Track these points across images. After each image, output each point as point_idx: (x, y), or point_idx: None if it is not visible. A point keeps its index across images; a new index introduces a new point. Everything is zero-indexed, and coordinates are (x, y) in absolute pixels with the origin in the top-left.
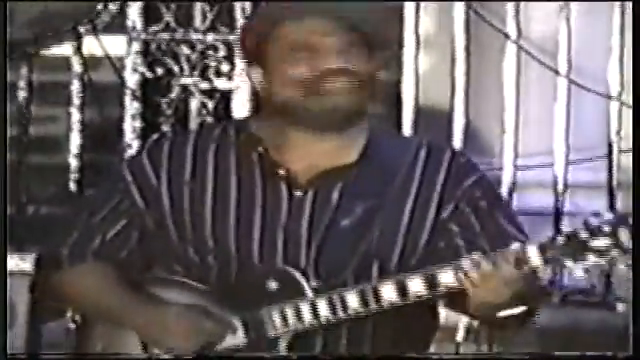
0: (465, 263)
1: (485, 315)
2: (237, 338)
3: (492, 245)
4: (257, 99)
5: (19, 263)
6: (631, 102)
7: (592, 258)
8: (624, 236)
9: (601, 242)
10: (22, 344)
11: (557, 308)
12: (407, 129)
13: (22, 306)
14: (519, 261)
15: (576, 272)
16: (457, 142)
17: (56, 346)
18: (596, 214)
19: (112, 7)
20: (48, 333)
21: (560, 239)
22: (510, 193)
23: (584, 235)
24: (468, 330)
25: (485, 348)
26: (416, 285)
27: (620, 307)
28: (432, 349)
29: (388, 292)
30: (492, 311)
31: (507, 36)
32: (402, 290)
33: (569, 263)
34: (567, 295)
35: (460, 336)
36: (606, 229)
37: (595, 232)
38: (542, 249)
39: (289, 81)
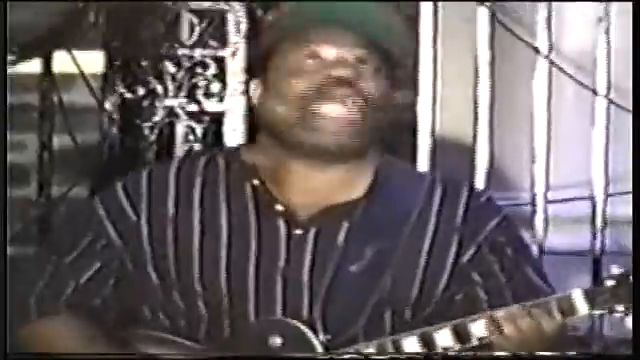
0: (501, 313)
1: None
2: None
3: (517, 299)
4: (252, 123)
5: None
6: None
7: None
8: None
9: None
10: None
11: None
12: (422, 159)
13: None
14: (564, 312)
15: (628, 319)
16: (480, 173)
17: None
18: None
19: (87, 19)
20: None
21: (609, 282)
22: (542, 231)
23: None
24: None
25: None
26: (444, 337)
27: None
28: None
29: (411, 346)
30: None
31: (537, 50)
32: (428, 343)
33: (621, 309)
34: (608, 343)
35: None
36: None
37: None
38: (591, 295)
39: (289, 96)
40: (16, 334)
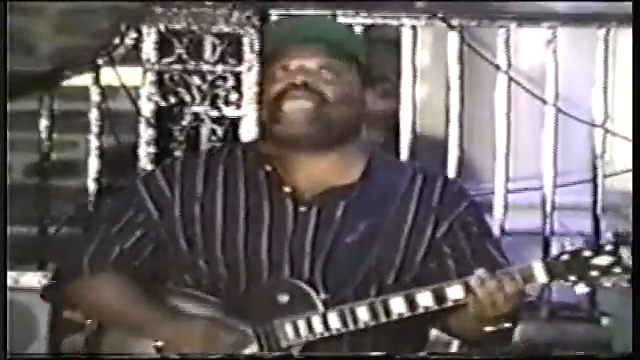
0: (473, 280)
1: (474, 333)
2: (251, 349)
3: (480, 267)
4: (263, 127)
5: (41, 280)
6: (615, 130)
7: (595, 275)
8: (625, 254)
9: (604, 260)
10: (44, 355)
11: (545, 323)
12: (405, 155)
13: (43, 321)
14: (525, 279)
15: (580, 289)
16: (451, 168)
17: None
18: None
19: (128, 40)
20: (68, 345)
21: (564, 257)
22: (502, 215)
23: (587, 253)
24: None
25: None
26: (425, 299)
27: (604, 321)
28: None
29: (397, 305)
30: (483, 325)
31: (498, 67)
32: (411, 303)
33: (573, 279)
34: (555, 310)
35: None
36: (608, 247)
37: (598, 250)
38: (548, 267)
39: (266, 100)
40: (70, 288)
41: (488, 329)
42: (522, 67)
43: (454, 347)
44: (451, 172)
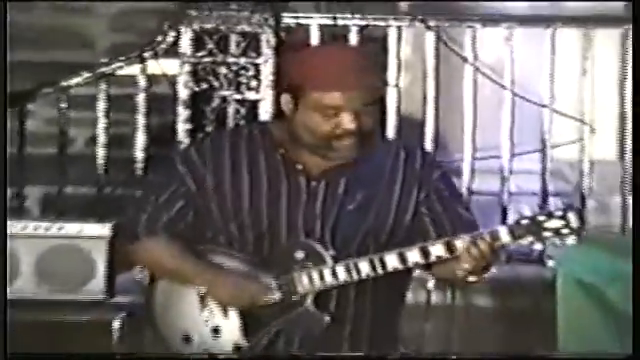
0: (454, 240)
1: (455, 281)
2: (274, 296)
3: (452, 225)
4: (278, 108)
5: (99, 230)
6: (562, 110)
7: (548, 235)
8: (573, 219)
9: (555, 223)
10: (101, 290)
11: (504, 264)
12: (391, 132)
13: (101, 262)
14: (493, 240)
15: (536, 247)
16: (429, 141)
17: (127, 292)
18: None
19: (169, 38)
20: (121, 282)
21: (523, 221)
22: (469, 179)
23: (541, 218)
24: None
25: (449, 295)
26: (414, 255)
27: (550, 263)
28: (408, 295)
29: (392, 260)
30: (465, 277)
31: (466, 60)
32: (403, 259)
33: (531, 239)
34: (511, 255)
35: (431, 285)
36: (559, 213)
37: (550, 215)
38: (511, 230)
39: (311, 129)
40: (127, 251)
41: (469, 279)
42: (486, 60)
43: (430, 284)
44: (428, 145)
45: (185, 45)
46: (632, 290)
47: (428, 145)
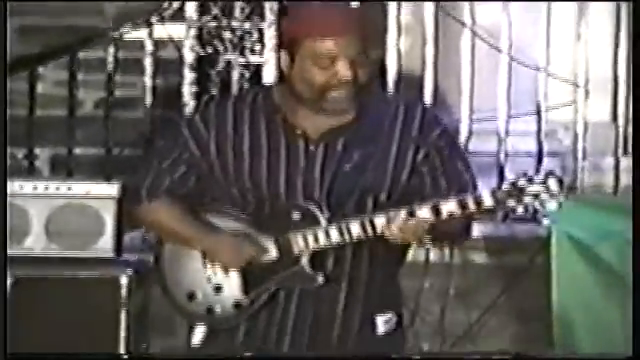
0: (441, 202)
1: (440, 236)
2: (271, 255)
3: (450, 183)
4: (281, 71)
5: (107, 189)
6: (557, 73)
7: (529, 200)
8: (552, 184)
9: (535, 188)
10: (110, 248)
11: (500, 223)
12: (390, 89)
13: (109, 221)
14: (477, 204)
15: (517, 210)
16: (428, 100)
17: (134, 249)
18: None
19: (175, 3)
20: (128, 240)
21: (505, 186)
22: (466, 139)
23: (523, 183)
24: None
25: (447, 251)
26: (400, 216)
27: (545, 221)
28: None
29: (381, 222)
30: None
31: (464, 24)
32: (389, 221)
33: (512, 203)
34: (507, 213)
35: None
36: (539, 178)
37: (530, 180)
38: (493, 194)
39: (308, 81)
40: (132, 213)
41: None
42: (483, 23)
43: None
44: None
45: (191, 10)
46: (632, 289)
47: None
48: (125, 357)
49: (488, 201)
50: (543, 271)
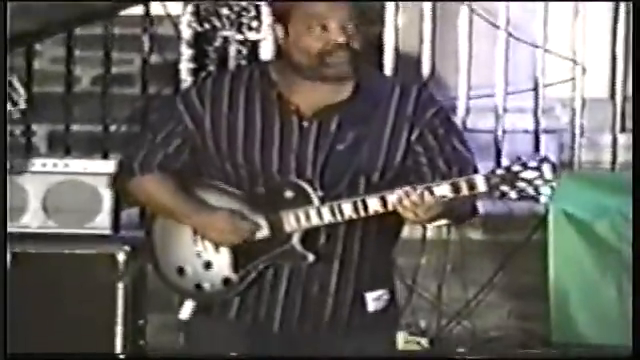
0: (434, 185)
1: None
2: (263, 233)
3: (446, 163)
4: (279, 47)
5: (104, 166)
6: (555, 50)
7: (522, 185)
8: (546, 170)
9: (530, 174)
10: (108, 224)
11: (497, 200)
12: (388, 70)
13: (106, 198)
14: (471, 187)
15: (511, 195)
16: (424, 79)
17: (131, 226)
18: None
19: None
20: (125, 217)
21: (499, 171)
22: (464, 116)
23: (517, 168)
24: None
25: (445, 230)
26: (393, 198)
27: (542, 199)
28: (405, 231)
29: (373, 203)
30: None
31: (462, 1)
32: (384, 202)
33: (506, 189)
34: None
35: None
36: (533, 164)
37: (525, 166)
38: (486, 179)
39: (304, 49)
40: (127, 185)
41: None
42: (481, 1)
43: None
44: (422, 83)
45: None
46: (632, 288)
47: (425, 83)
48: (124, 357)
49: (482, 186)
50: (540, 248)
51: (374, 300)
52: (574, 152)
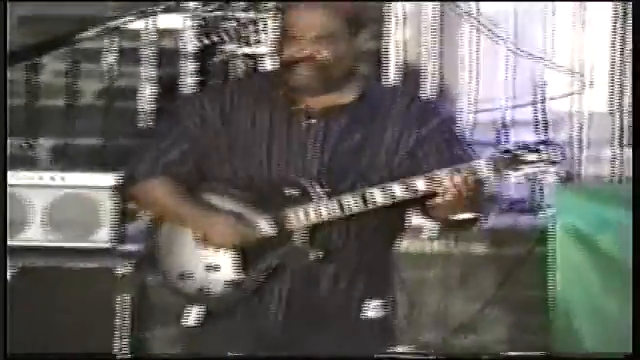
0: (439, 173)
1: (444, 217)
2: (264, 233)
3: (445, 166)
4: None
5: (107, 180)
6: (558, 64)
7: (522, 167)
8: (546, 151)
9: (529, 156)
10: (109, 238)
11: (503, 213)
12: (391, 81)
13: (108, 212)
14: (473, 172)
15: (514, 178)
16: (428, 92)
17: (134, 239)
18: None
19: None
20: (128, 230)
21: (500, 154)
22: (467, 129)
23: (518, 151)
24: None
25: (452, 243)
26: (397, 190)
27: (545, 212)
28: (405, 245)
29: (378, 196)
30: (451, 213)
31: (466, 14)
32: (385, 194)
33: (507, 172)
34: (512, 204)
35: (431, 234)
36: (532, 147)
37: (526, 148)
38: (488, 162)
39: (281, 59)
40: (131, 190)
41: (457, 217)
42: (486, 13)
43: (429, 233)
44: (425, 94)
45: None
46: (632, 288)
47: (430, 95)
48: (123, 357)
49: (484, 169)
50: (542, 261)
51: (372, 308)
52: (577, 166)
